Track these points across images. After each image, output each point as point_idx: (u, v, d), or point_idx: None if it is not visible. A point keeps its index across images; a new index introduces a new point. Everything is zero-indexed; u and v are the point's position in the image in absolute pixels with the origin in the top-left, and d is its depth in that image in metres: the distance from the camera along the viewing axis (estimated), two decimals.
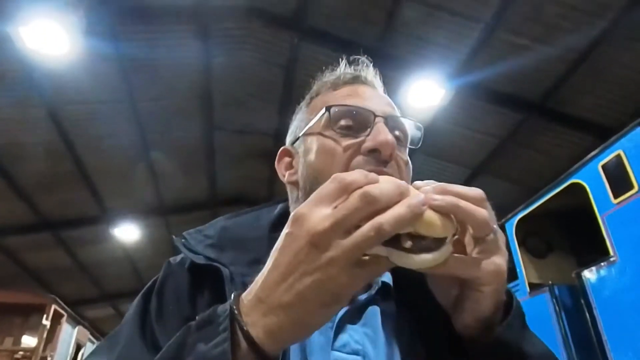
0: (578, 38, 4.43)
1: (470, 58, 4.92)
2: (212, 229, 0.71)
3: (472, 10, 4.47)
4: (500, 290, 0.50)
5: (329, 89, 0.75)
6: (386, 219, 0.41)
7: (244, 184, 7.90)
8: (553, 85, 5.02)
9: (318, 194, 0.44)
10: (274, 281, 0.44)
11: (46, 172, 6.43)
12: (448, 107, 5.44)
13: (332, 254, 0.41)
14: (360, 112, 0.67)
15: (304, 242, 0.42)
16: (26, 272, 8.55)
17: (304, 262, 0.42)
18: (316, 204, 0.43)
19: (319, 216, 0.42)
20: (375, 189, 0.42)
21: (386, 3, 4.59)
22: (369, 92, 0.72)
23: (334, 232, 0.41)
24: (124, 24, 4.79)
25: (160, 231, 8.63)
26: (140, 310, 0.64)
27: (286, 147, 0.78)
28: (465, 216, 0.46)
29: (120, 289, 10.33)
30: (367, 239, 0.41)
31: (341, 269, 0.41)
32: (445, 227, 0.44)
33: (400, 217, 0.41)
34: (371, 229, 0.41)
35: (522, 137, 5.71)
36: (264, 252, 0.65)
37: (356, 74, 0.76)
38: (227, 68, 5.64)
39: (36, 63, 4.84)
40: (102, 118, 5.88)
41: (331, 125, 0.67)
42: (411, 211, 0.41)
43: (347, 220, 0.41)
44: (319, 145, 0.68)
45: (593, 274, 3.18)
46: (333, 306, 0.44)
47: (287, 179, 0.74)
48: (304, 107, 0.77)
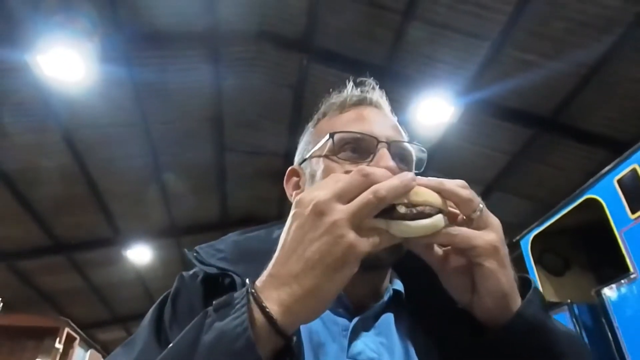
0: (587, 53, 4.43)
1: (478, 75, 4.94)
2: (223, 244, 0.73)
3: (479, 28, 4.50)
4: (504, 264, 0.52)
5: (335, 110, 0.77)
6: (382, 186, 0.47)
7: (254, 204, 7.92)
8: (563, 100, 5.00)
9: (340, 185, 0.48)
10: (284, 256, 0.47)
11: (60, 196, 6.53)
12: (458, 124, 5.44)
13: (336, 217, 0.45)
14: (364, 139, 0.69)
15: (308, 213, 0.46)
16: (40, 295, 8.60)
17: (310, 230, 0.46)
18: (335, 195, 0.47)
19: (320, 192, 0.47)
20: (369, 169, 0.48)
21: (393, 23, 4.66)
22: (374, 116, 0.74)
23: (336, 200, 0.46)
24: (137, 49, 4.93)
25: (172, 252, 8.64)
26: (155, 318, 0.66)
27: (294, 167, 0.80)
28: (450, 194, 0.52)
29: (132, 311, 10.30)
30: (366, 202, 0.46)
31: (346, 231, 0.45)
32: (435, 198, 0.50)
33: (394, 185, 0.47)
34: (369, 192, 0.46)
35: (534, 153, 5.66)
36: None
37: (362, 96, 0.78)
38: (237, 90, 5.74)
39: (53, 89, 4.98)
40: (116, 141, 5.99)
41: (335, 151, 0.70)
42: (402, 182, 0.48)
43: (346, 191, 0.47)
44: (323, 169, 0.70)
45: (613, 291, 3.09)
46: (343, 269, 0.45)
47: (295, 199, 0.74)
48: (311, 127, 0.80)
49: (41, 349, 6.73)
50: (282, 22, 5.03)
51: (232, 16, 4.84)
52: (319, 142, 0.73)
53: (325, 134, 0.71)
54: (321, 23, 4.88)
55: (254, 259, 0.67)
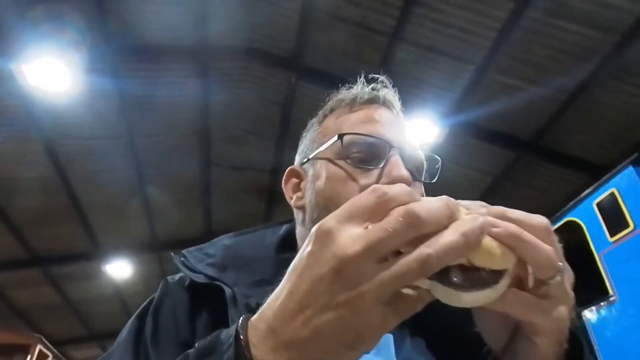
0: (567, 79, 4.57)
1: (463, 97, 5.04)
2: (213, 248, 0.69)
3: (463, 52, 4.62)
4: (561, 343, 0.42)
5: (344, 108, 0.71)
6: (435, 250, 0.32)
7: (239, 220, 7.84)
8: (545, 124, 5.13)
9: (351, 206, 0.36)
10: (290, 311, 0.36)
11: (39, 207, 6.37)
12: (442, 145, 5.52)
13: (362, 288, 0.33)
14: (375, 143, 0.63)
15: (329, 268, 0.34)
16: (12, 310, 8.29)
17: (327, 292, 0.34)
18: (347, 218, 0.35)
19: (350, 236, 0.34)
20: (421, 208, 0.34)
21: (381, 44, 4.75)
22: (385, 117, 0.69)
23: (366, 259, 0.33)
24: (125, 61, 4.91)
25: (153, 267, 8.46)
26: (134, 332, 0.61)
27: (294, 167, 0.74)
28: (527, 253, 0.36)
29: (109, 328, 9.99)
30: (408, 273, 0.33)
31: (371, 305, 0.34)
32: (505, 258, 0.36)
33: (452, 247, 0.33)
34: (414, 260, 0.33)
35: (516, 175, 5.77)
36: (269, 273, 0.64)
37: (374, 95, 0.72)
38: (225, 105, 5.74)
39: (37, 99, 4.91)
40: (99, 153, 5.91)
41: (343, 155, 0.64)
42: (466, 240, 0.33)
43: (383, 244, 0.33)
44: (330, 174, 0.64)
45: (593, 314, 3.13)
46: (357, 348, 0.36)
47: (295, 203, 0.71)
48: (316, 124, 0.73)
49: None
50: (271, 40, 5.09)
51: (222, 32, 4.88)
52: (325, 142, 0.66)
53: (332, 134, 0.66)
54: (310, 42, 4.95)
55: (245, 266, 0.64)
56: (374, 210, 0.35)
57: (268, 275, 0.64)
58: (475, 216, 0.35)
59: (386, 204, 0.35)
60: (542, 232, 0.37)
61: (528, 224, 0.37)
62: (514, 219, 0.37)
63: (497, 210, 0.38)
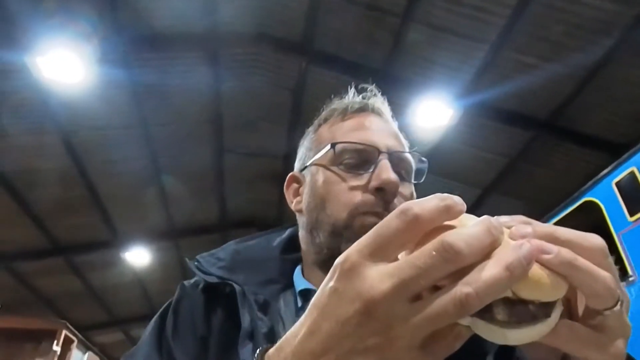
0: (585, 56, 4.44)
1: (477, 78, 4.95)
2: (223, 252, 0.73)
3: (477, 31, 4.52)
4: None
5: (337, 117, 0.76)
6: (475, 288, 0.28)
7: (254, 207, 7.92)
8: (562, 103, 5.01)
9: (377, 235, 0.32)
10: (311, 352, 0.33)
11: (59, 198, 6.52)
12: (456, 127, 5.45)
13: (393, 332, 0.30)
14: (365, 150, 0.68)
15: (355, 309, 0.30)
16: (38, 297, 8.58)
17: (353, 336, 0.31)
18: (373, 250, 0.32)
19: (377, 273, 0.30)
20: (459, 241, 0.29)
21: (392, 26, 4.67)
22: (375, 124, 0.73)
23: (397, 299, 0.30)
24: (136, 51, 4.93)
25: (171, 255, 8.63)
26: (157, 329, 0.67)
27: (294, 173, 0.79)
28: (583, 282, 0.31)
29: (130, 313, 10.28)
30: (444, 315, 0.29)
31: (403, 351, 0.30)
32: (556, 288, 0.31)
33: (495, 283, 0.28)
34: (451, 301, 0.28)
35: (532, 156, 5.67)
36: (275, 273, 0.72)
37: (364, 103, 0.77)
38: (236, 92, 5.74)
39: (52, 91, 4.98)
40: (115, 143, 5.99)
41: (336, 162, 0.69)
42: (511, 274, 0.29)
43: (415, 283, 0.29)
44: (325, 179, 0.69)
45: None
46: None
47: (295, 207, 0.76)
48: (312, 133, 0.79)
49: (39, 352, 6.71)
50: (281, 25, 5.04)
51: (231, 18, 4.85)
52: (320, 149, 0.72)
53: (326, 142, 0.71)
54: (320, 26, 4.89)
55: (253, 267, 0.71)
56: (404, 238, 0.31)
57: (274, 274, 0.72)
58: (521, 243, 0.30)
59: (418, 229, 0.31)
60: (597, 256, 0.33)
61: (581, 246, 0.32)
62: (565, 240, 0.32)
63: (545, 230, 0.33)
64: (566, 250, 0.31)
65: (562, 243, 0.32)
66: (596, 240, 0.33)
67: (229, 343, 0.62)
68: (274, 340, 0.60)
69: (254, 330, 0.61)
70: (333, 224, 0.66)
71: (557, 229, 0.34)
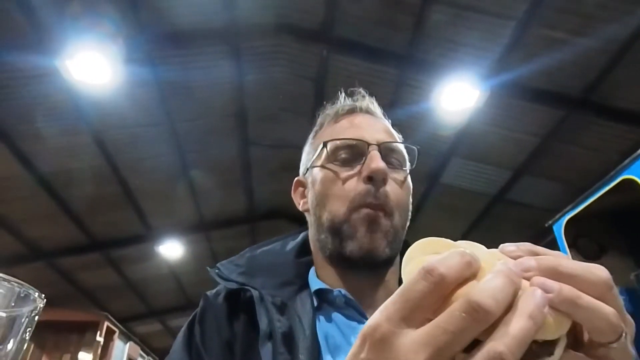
0: (619, 28, 4.22)
1: (504, 57, 4.79)
2: (241, 259, 0.79)
3: (503, 7, 4.36)
4: None
5: (330, 121, 0.83)
6: (506, 345, 0.28)
7: (280, 198, 7.98)
8: (595, 78, 4.79)
9: (405, 298, 0.31)
10: None
11: (94, 195, 6.76)
12: (484, 109, 5.31)
13: None
14: (355, 144, 0.74)
15: None
16: (79, 291, 8.97)
17: None
18: (402, 317, 0.31)
19: (410, 342, 0.30)
20: (487, 298, 0.29)
21: (414, 7, 4.56)
22: (365, 121, 0.79)
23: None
24: (159, 49, 5.01)
25: (202, 247, 8.84)
26: (186, 338, 0.72)
27: (299, 177, 0.87)
28: (585, 319, 0.32)
29: (166, 304, 10.62)
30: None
31: None
32: (559, 325, 0.31)
33: (524, 337, 0.29)
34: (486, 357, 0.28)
35: (565, 135, 5.47)
36: (290, 275, 0.78)
37: (353, 105, 0.84)
38: (259, 84, 5.77)
39: (82, 93, 5.14)
40: (143, 141, 6.14)
41: (330, 159, 0.75)
42: (534, 323, 0.29)
43: (449, 349, 0.29)
44: (322, 177, 0.76)
45: None
46: None
47: (302, 207, 0.83)
48: (311, 139, 0.87)
49: (83, 342, 7.04)
50: (300, 14, 5.01)
51: (250, 10, 4.86)
52: (317, 151, 0.79)
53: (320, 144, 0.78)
54: (340, 12, 4.83)
55: (270, 271, 0.76)
56: (432, 299, 0.31)
57: (290, 277, 0.77)
58: (534, 290, 0.31)
59: (445, 289, 0.31)
60: (601, 289, 0.32)
61: (585, 281, 0.32)
62: (568, 274, 0.32)
63: (549, 264, 0.33)
64: (568, 288, 0.31)
65: (566, 278, 0.32)
66: (601, 273, 0.33)
67: (251, 345, 0.67)
68: (292, 338, 0.66)
69: (273, 331, 0.65)
70: (332, 220, 0.72)
71: (561, 263, 0.33)
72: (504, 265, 0.32)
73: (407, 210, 0.77)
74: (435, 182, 6.44)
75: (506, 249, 0.35)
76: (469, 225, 7.26)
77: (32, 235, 7.12)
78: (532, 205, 6.45)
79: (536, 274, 0.32)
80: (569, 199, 4.00)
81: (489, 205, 6.75)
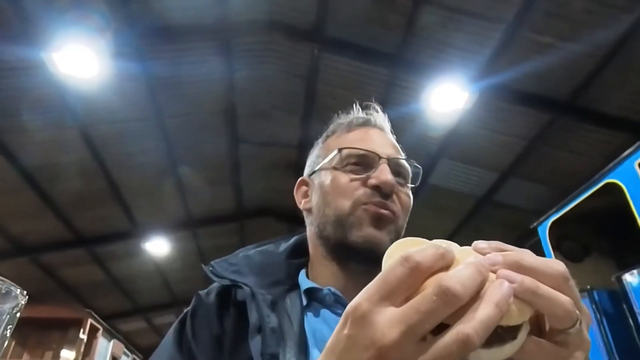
0: (606, 33, 4.30)
1: (493, 59, 4.84)
2: (235, 258, 0.82)
3: (493, 10, 4.40)
4: None
5: (343, 130, 0.87)
6: (473, 327, 0.32)
7: (270, 196, 7.96)
8: (582, 83, 4.87)
9: (383, 282, 0.36)
10: None
11: (80, 191, 6.66)
12: (472, 110, 5.36)
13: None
14: (367, 155, 0.79)
15: (369, 356, 0.34)
16: (63, 288, 8.83)
17: None
18: (381, 297, 0.35)
19: (386, 320, 0.34)
20: (456, 284, 0.33)
21: (405, 8, 4.58)
22: (377, 136, 0.84)
23: (406, 343, 0.33)
24: (149, 44, 4.96)
25: (189, 244, 8.77)
26: (177, 332, 0.75)
27: (304, 177, 0.90)
28: (544, 307, 0.36)
29: (152, 302, 10.52)
30: (449, 355, 0.32)
31: None
32: (521, 313, 0.36)
33: (490, 321, 0.33)
34: (454, 343, 0.32)
35: (551, 138, 5.55)
36: (281, 275, 0.81)
37: (367, 118, 0.88)
38: (249, 81, 5.74)
39: (69, 86, 5.05)
40: (131, 136, 6.07)
41: (342, 164, 0.79)
42: (500, 310, 0.33)
43: (421, 327, 0.33)
44: (332, 178, 0.79)
45: (634, 277, 3.04)
46: None
47: (303, 206, 0.86)
48: (320, 143, 0.90)
49: (66, 340, 6.95)
50: (292, 12, 5.00)
51: (242, 7, 4.83)
52: (328, 156, 0.82)
53: (333, 149, 0.81)
54: (332, 11, 4.83)
55: (263, 271, 0.79)
56: (408, 283, 0.35)
57: (281, 277, 0.80)
58: (501, 282, 0.35)
59: (420, 275, 0.35)
60: (558, 281, 0.37)
61: (544, 273, 0.37)
62: (529, 268, 0.37)
63: (512, 259, 0.37)
64: (529, 279, 0.36)
65: (527, 270, 0.36)
66: (558, 266, 0.38)
67: (240, 339, 0.69)
68: (281, 333, 0.68)
69: (262, 325, 0.67)
70: (338, 215, 0.75)
71: (524, 258, 0.37)
72: (474, 259, 0.36)
73: (404, 225, 0.80)
74: (424, 183, 6.47)
75: (478, 246, 0.39)
76: (456, 226, 7.33)
77: (16, 230, 6.99)
78: (518, 207, 6.54)
79: (502, 268, 0.37)
80: (554, 202, 4.06)
81: (476, 206, 6.83)
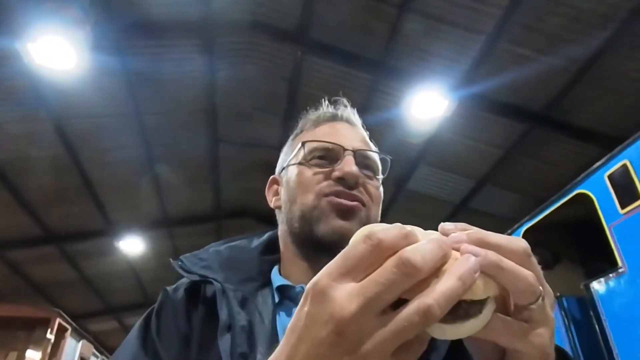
0: (580, 49, 4.45)
1: (473, 69, 4.94)
2: (205, 253, 0.79)
3: (473, 21, 4.50)
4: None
5: (311, 126, 0.85)
6: (435, 299, 0.32)
7: (248, 197, 7.91)
8: (557, 95, 5.03)
9: (344, 258, 0.35)
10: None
11: (52, 186, 6.47)
12: (452, 118, 5.45)
13: (365, 348, 0.32)
14: (332, 148, 0.77)
15: (328, 331, 0.33)
16: (30, 286, 8.56)
17: (329, 355, 0.33)
18: (341, 273, 0.34)
19: (345, 294, 0.33)
20: (416, 256, 0.33)
21: (389, 16, 4.64)
22: (344, 129, 0.82)
23: (365, 316, 0.32)
24: (129, 38, 4.86)
25: (165, 244, 8.62)
26: (142, 329, 0.71)
27: (274, 176, 0.89)
28: (507, 281, 0.36)
29: (124, 302, 10.30)
30: (410, 327, 0.32)
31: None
32: (486, 287, 0.35)
33: (452, 294, 0.32)
34: (416, 314, 0.32)
35: (526, 148, 5.70)
36: (253, 271, 0.78)
37: (334, 113, 0.86)
38: (231, 81, 5.69)
39: (43, 78, 4.91)
40: (108, 132, 5.93)
41: (306, 158, 0.78)
42: (463, 284, 0.33)
43: (380, 299, 0.32)
44: (297, 173, 0.78)
45: (602, 285, 3.14)
46: None
47: (274, 204, 0.85)
48: (290, 141, 0.88)
49: (32, 340, 6.71)
50: (277, 13, 4.99)
51: (226, 6, 4.80)
52: (294, 151, 0.82)
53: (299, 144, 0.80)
54: (316, 15, 4.85)
55: (234, 267, 0.76)
56: (369, 260, 0.34)
57: (253, 273, 0.78)
58: (468, 256, 0.35)
59: (382, 252, 0.34)
60: (521, 257, 0.37)
61: (507, 250, 0.37)
62: (493, 244, 0.37)
63: (477, 236, 0.37)
64: (492, 253, 0.36)
65: (491, 246, 0.36)
66: (520, 242, 0.38)
67: (209, 337, 0.66)
68: (252, 332, 0.66)
69: (233, 323, 0.65)
70: (303, 210, 0.74)
71: (488, 235, 0.38)
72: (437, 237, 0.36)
73: (377, 217, 0.78)
74: (402, 188, 6.55)
75: (445, 227, 0.39)
76: None
77: None
78: (492, 214, 6.68)
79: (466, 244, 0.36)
80: (527, 210, 4.17)
81: (453, 213, 6.94)
